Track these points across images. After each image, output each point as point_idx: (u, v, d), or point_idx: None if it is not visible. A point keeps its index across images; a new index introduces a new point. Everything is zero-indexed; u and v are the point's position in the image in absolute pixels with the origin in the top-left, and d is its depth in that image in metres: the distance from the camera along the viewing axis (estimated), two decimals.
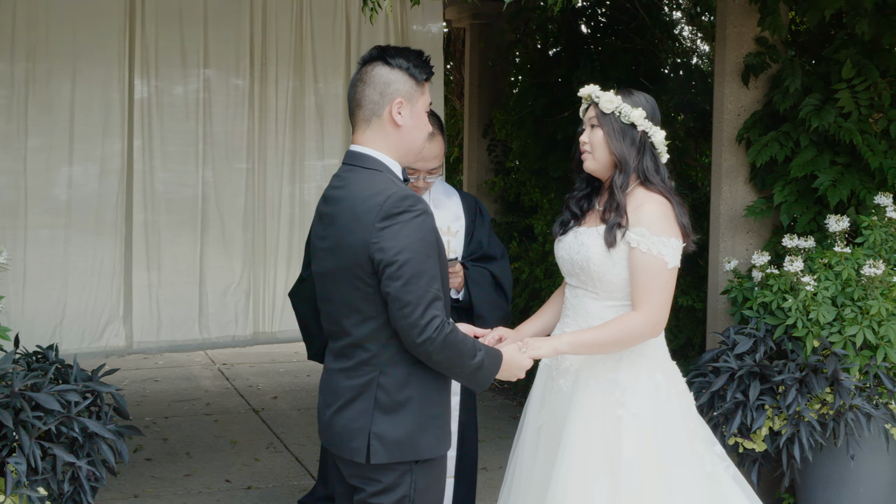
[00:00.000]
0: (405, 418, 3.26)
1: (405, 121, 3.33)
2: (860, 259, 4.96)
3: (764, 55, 5.71)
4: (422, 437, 3.28)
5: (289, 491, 6.12)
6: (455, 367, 3.26)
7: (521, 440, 3.90)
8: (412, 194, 3.24)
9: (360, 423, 3.28)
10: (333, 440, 3.38)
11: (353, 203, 3.25)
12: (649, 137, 3.70)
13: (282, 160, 7.44)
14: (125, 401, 4.59)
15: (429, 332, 3.14)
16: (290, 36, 7.39)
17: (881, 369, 4.82)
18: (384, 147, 3.34)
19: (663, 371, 3.72)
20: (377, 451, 3.26)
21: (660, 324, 3.62)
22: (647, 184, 3.67)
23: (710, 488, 3.65)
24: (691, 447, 3.67)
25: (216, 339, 7.42)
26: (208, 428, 7.41)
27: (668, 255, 3.58)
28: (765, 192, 5.74)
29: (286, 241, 7.51)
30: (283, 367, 9.49)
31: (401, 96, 3.32)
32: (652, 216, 3.59)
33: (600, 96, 3.69)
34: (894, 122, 5.40)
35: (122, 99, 6.92)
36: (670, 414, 3.65)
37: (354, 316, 3.27)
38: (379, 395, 3.26)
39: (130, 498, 5.93)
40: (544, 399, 3.83)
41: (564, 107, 7.90)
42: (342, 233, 3.26)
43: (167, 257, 7.16)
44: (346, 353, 3.33)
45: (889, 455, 4.89)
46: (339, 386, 3.35)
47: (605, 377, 3.66)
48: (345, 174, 3.36)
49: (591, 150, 3.71)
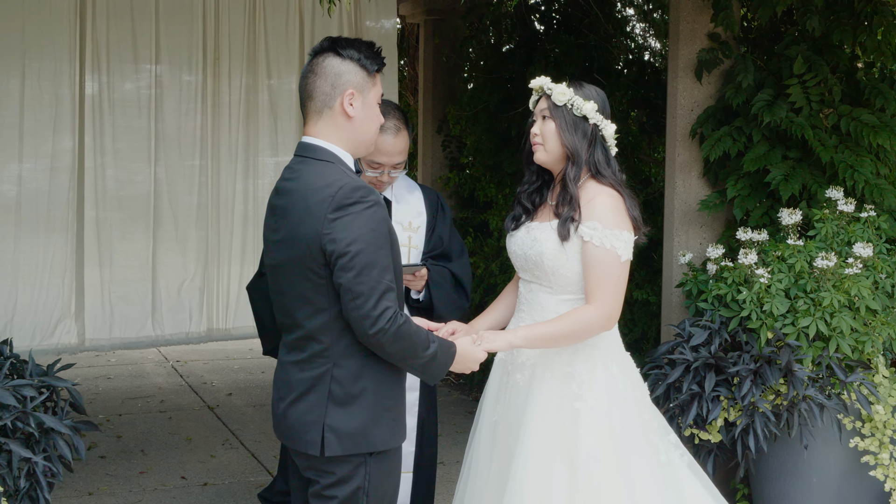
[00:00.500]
0: (359, 410, 3.27)
1: (357, 112, 3.34)
2: (812, 252, 5.03)
3: (717, 51, 5.77)
4: (376, 429, 3.29)
5: (245, 487, 6.09)
6: (408, 359, 3.28)
7: (477, 435, 3.91)
8: (364, 185, 3.25)
9: (314, 415, 3.28)
10: (287, 433, 3.39)
11: (304, 194, 3.25)
12: (600, 130, 3.73)
13: (235, 157, 7.41)
14: (81, 396, 4.55)
15: (381, 323, 3.15)
16: (242, 31, 7.35)
17: (833, 360, 4.90)
18: (336, 139, 3.35)
19: (618, 363, 3.75)
20: (331, 444, 3.26)
21: (613, 316, 3.65)
22: (599, 177, 3.70)
23: (666, 478, 3.69)
24: (646, 438, 3.71)
25: (169, 336, 7.39)
26: (163, 425, 7.35)
27: (620, 249, 3.61)
28: (718, 187, 5.80)
29: (240, 237, 7.48)
30: (238, 363, 9.45)
31: (352, 87, 3.33)
32: (604, 210, 3.62)
33: (553, 88, 3.71)
34: (845, 117, 5.47)
35: (72, 95, 6.85)
36: (626, 406, 3.68)
37: (307, 308, 3.28)
38: (333, 387, 3.27)
39: (85, 496, 5.88)
40: (500, 394, 3.85)
41: (518, 103, 7.93)
42: (294, 224, 3.26)
43: (119, 254, 7.11)
44: (299, 345, 3.33)
45: (842, 445, 4.96)
46: (292, 379, 3.35)
47: (562, 370, 3.69)
48: (296, 166, 3.36)
49: (542, 142, 3.73)
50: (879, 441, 4.89)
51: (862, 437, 4.92)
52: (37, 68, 6.72)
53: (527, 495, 3.57)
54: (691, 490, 3.72)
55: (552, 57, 7.67)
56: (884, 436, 4.89)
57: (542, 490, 3.57)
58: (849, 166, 5.33)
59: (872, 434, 4.91)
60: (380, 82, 3.45)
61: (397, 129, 4.05)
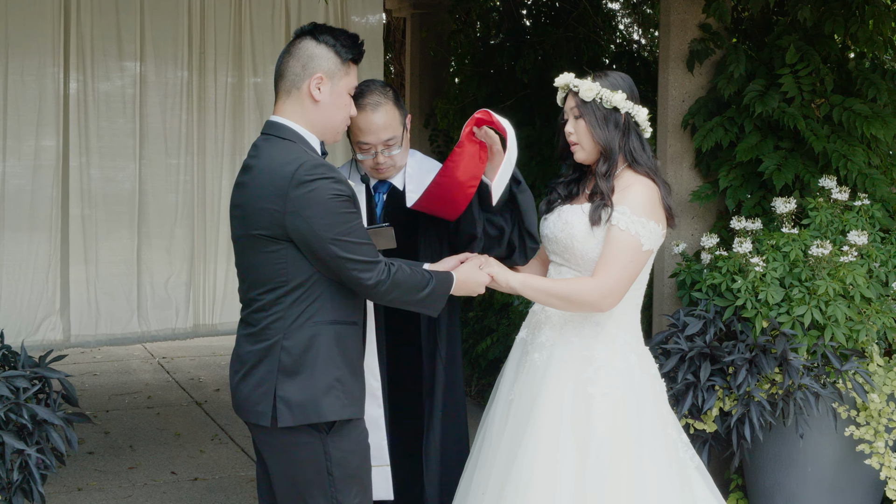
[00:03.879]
0: (308, 380, 3.31)
1: (324, 98, 3.39)
2: (807, 240, 5.03)
3: (708, 41, 5.76)
4: (325, 399, 3.32)
5: (236, 481, 6.05)
6: (410, 302, 3.44)
7: (492, 413, 3.87)
8: (325, 163, 3.31)
9: (265, 387, 3.33)
10: (241, 406, 3.42)
11: (265, 171, 3.31)
12: (633, 117, 3.69)
13: (221, 153, 7.35)
14: (74, 388, 4.51)
15: (377, 276, 3.30)
16: (228, 27, 7.30)
17: (828, 349, 4.89)
18: (301, 120, 3.40)
19: (637, 353, 3.73)
20: (283, 414, 3.30)
21: (609, 296, 3.59)
22: (636, 165, 3.67)
23: (680, 474, 3.65)
24: (664, 432, 3.67)
25: (156, 332, 7.33)
26: (151, 421, 7.30)
27: (644, 237, 3.58)
28: (710, 178, 5.79)
29: (226, 233, 7.42)
30: (225, 359, 9.38)
31: (322, 72, 3.38)
32: (637, 198, 3.60)
33: (579, 85, 3.66)
34: (837, 107, 5.47)
35: (56, 92, 6.77)
36: (643, 396, 3.65)
37: (261, 281, 3.35)
38: (283, 357, 3.31)
39: (74, 491, 5.83)
40: (518, 373, 3.82)
41: (507, 96, 7.92)
42: (253, 199, 3.32)
43: (105, 251, 7.04)
44: (252, 319, 3.39)
45: (837, 434, 4.96)
46: (244, 351, 3.41)
47: (580, 354, 3.66)
48: (260, 143, 3.43)
49: (578, 141, 3.70)
50: (874, 430, 4.88)
51: (857, 426, 4.91)
52: (20, 65, 6.64)
53: (534, 479, 3.53)
54: (701, 493, 3.69)
55: (541, 50, 7.65)
56: (879, 424, 4.88)
57: (550, 475, 3.53)
58: (842, 156, 5.33)
59: (867, 423, 4.90)
60: (354, 73, 3.49)
61: (376, 105, 3.91)
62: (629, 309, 3.76)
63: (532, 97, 7.83)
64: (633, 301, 3.76)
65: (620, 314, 3.73)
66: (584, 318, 3.72)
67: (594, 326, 3.71)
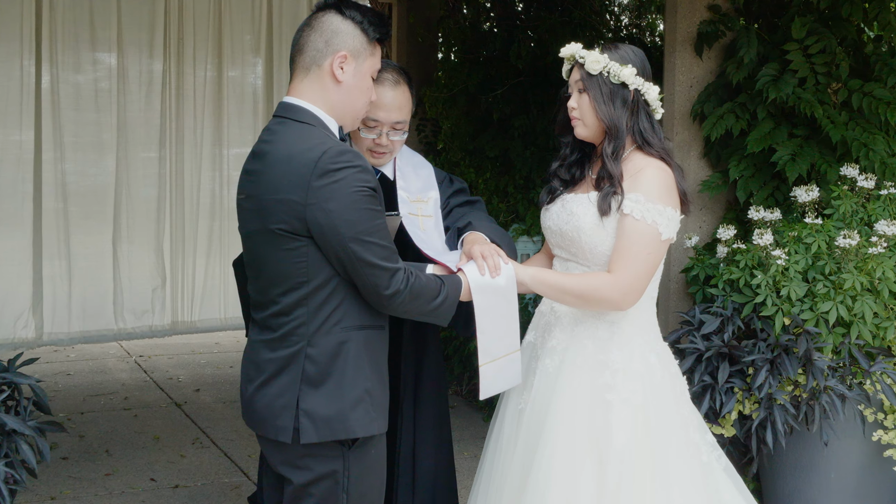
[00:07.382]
0: (336, 392, 2.99)
1: (347, 78, 3.07)
2: (831, 231, 4.72)
3: (718, 23, 5.48)
4: (353, 413, 3.00)
5: (219, 489, 5.72)
6: (423, 313, 3.11)
7: (499, 423, 3.55)
8: (351, 150, 2.97)
9: (286, 398, 3.00)
10: (256, 420, 3.09)
11: (283, 158, 2.96)
12: (642, 95, 3.35)
13: (200, 146, 7.13)
14: (46, 393, 4.17)
15: (395, 285, 2.98)
16: (207, 13, 7.02)
17: (855, 347, 4.59)
18: (320, 102, 3.07)
19: (657, 352, 3.41)
20: (307, 430, 2.97)
21: (630, 293, 3.28)
22: (646, 146, 3.34)
23: (706, 481, 3.34)
24: (686, 436, 3.36)
25: (132, 330, 7.11)
26: (128, 423, 6.96)
27: (662, 226, 3.26)
28: (720, 167, 5.51)
29: (206, 229, 7.21)
30: (204, 358, 9.05)
31: (346, 50, 3.05)
32: (651, 183, 3.27)
33: (585, 56, 3.33)
34: (856, 92, 5.19)
35: (28, 84, 6.54)
36: (664, 399, 3.34)
37: (281, 281, 3.00)
38: (307, 366, 2.98)
39: (47, 500, 5.49)
40: (527, 380, 3.49)
41: (499, 84, 7.62)
42: (270, 190, 2.97)
43: (79, 246, 6.83)
44: (271, 323, 3.05)
45: (864, 438, 4.66)
46: (262, 359, 3.06)
47: (595, 357, 3.34)
48: (275, 127, 3.08)
49: (580, 117, 3.37)
50: None
51: (885, 430, 4.62)
52: None
53: (551, 492, 3.22)
54: (728, 497, 3.38)
55: (535, 35, 7.36)
56: None
57: (569, 487, 3.22)
58: (862, 144, 5.04)
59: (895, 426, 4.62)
60: (379, 54, 3.17)
61: (396, 82, 3.63)
62: (645, 304, 3.44)
63: (526, 84, 7.53)
64: (648, 295, 3.44)
65: (636, 310, 3.41)
66: (598, 318, 3.40)
67: (609, 326, 3.39)
